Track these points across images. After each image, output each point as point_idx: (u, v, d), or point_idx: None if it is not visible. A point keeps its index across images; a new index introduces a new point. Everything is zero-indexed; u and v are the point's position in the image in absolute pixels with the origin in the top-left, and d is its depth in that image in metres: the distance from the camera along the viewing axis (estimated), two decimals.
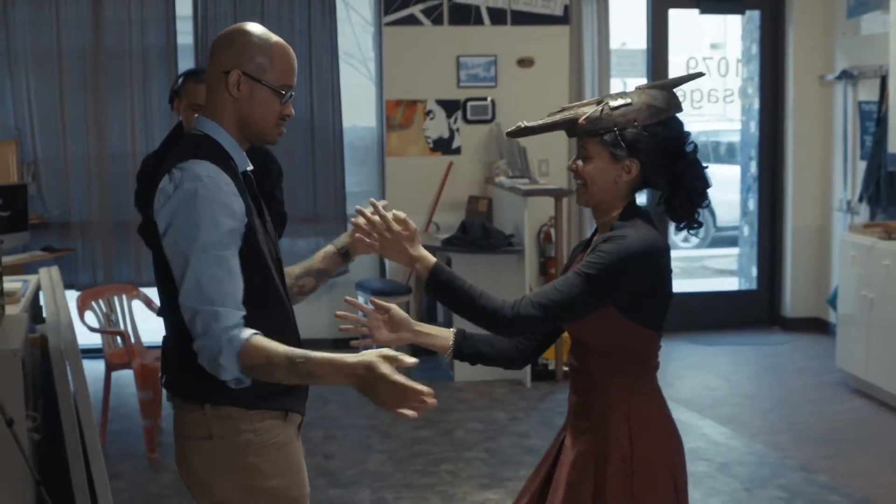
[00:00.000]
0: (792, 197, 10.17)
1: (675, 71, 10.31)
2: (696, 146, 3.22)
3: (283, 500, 3.14)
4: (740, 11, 10.49)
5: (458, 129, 9.58)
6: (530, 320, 3.13)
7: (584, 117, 3.19)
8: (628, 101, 3.17)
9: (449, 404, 7.99)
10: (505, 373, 8.55)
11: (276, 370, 2.88)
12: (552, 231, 9.18)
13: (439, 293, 3.26)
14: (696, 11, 10.20)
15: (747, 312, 10.52)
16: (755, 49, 10.46)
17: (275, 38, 3.09)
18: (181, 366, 3.07)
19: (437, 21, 9.50)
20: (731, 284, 12.13)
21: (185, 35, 9.27)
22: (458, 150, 9.60)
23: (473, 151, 9.61)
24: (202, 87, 4.83)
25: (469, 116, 9.59)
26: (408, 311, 8.69)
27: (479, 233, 8.48)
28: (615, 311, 3.13)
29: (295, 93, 3.17)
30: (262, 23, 9.35)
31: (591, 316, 3.14)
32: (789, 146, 10.14)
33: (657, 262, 3.14)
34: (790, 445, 6.98)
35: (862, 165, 9.15)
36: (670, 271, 3.21)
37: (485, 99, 9.61)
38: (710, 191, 3.25)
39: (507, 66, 9.63)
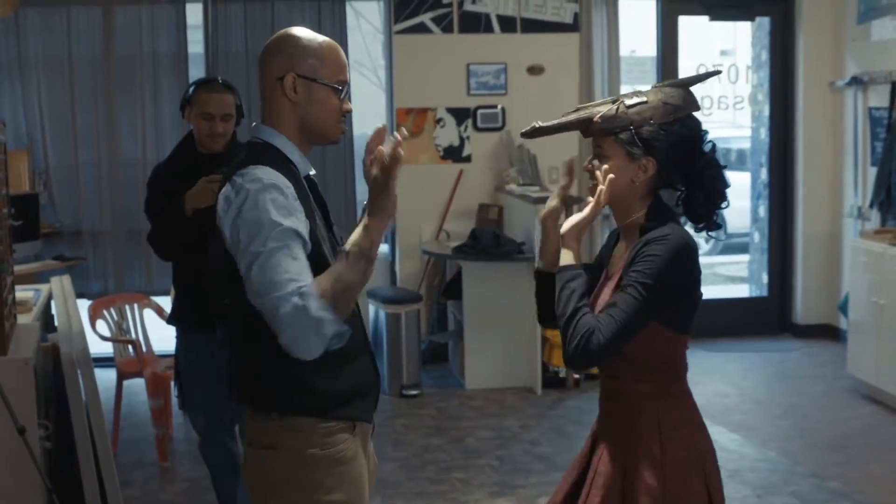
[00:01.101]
0: (802, 203, 10.16)
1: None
2: (714, 145, 3.18)
3: None
4: (750, 18, 10.48)
5: (468, 137, 9.59)
6: (608, 353, 3.04)
7: (599, 115, 3.14)
8: (644, 99, 3.13)
9: (460, 412, 7.99)
10: (516, 380, 8.56)
11: (344, 275, 2.87)
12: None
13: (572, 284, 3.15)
14: (705, 18, 10.19)
15: (758, 319, 10.50)
16: (765, 56, 10.45)
17: (321, 37, 3.14)
18: (249, 373, 3.11)
19: (448, 29, 9.50)
20: (741, 291, 12.12)
21: (195, 44, 9.29)
22: (468, 158, 9.60)
23: (484, 159, 9.61)
24: (214, 96, 4.87)
25: (479, 124, 9.59)
26: (418, 320, 8.76)
27: (489, 241, 8.49)
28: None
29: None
30: (272, 30, 9.39)
31: None
32: (799, 153, 10.13)
33: (690, 260, 3.11)
34: (801, 452, 6.97)
35: (872, 171, 9.13)
36: (699, 269, 3.17)
37: (495, 107, 9.61)
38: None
39: (517, 74, 9.63)
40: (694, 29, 10.85)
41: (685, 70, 10.40)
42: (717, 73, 3.66)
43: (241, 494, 5.22)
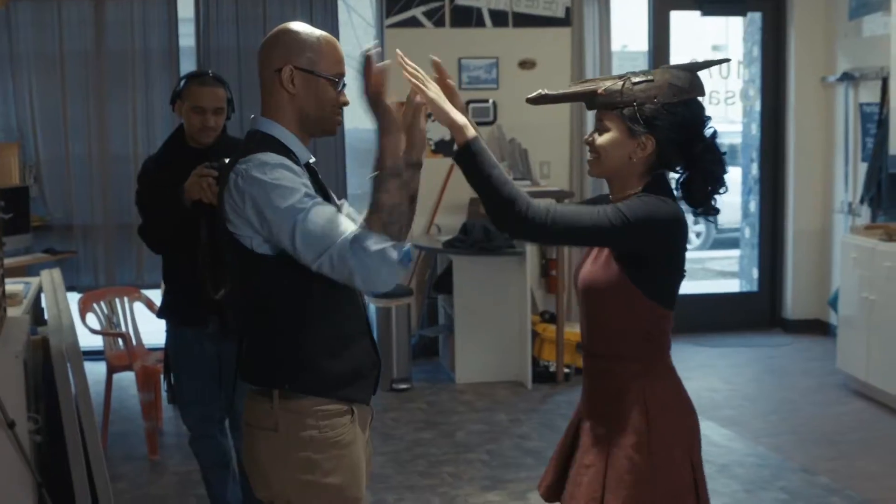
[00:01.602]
0: (793, 199, 10.17)
1: None
2: (715, 131, 3.22)
3: (340, 499, 3.19)
4: (742, 13, 10.49)
5: None
6: (542, 230, 3.08)
7: (603, 88, 3.20)
8: (650, 77, 3.18)
9: (450, 406, 8.00)
10: (506, 374, 8.56)
11: (383, 199, 2.99)
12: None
13: (471, 159, 3.26)
14: (697, 13, 10.21)
15: (748, 314, 10.52)
16: (756, 51, 10.46)
17: (319, 31, 3.22)
18: (253, 351, 3.20)
19: (439, 23, 9.50)
20: (732, 286, 12.12)
21: (187, 38, 9.27)
22: None
23: None
24: (205, 90, 4.86)
25: (471, 118, 9.55)
26: (408, 314, 8.76)
27: (480, 235, 8.48)
28: (633, 288, 3.15)
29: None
30: (264, 25, 9.38)
31: (604, 284, 3.18)
32: (790, 148, 10.14)
33: (680, 231, 3.16)
34: (791, 447, 6.98)
35: (863, 167, 9.15)
36: (685, 245, 3.23)
37: (486, 101, 9.61)
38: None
39: (508, 69, 9.63)
40: (686, 24, 10.85)
41: None
42: (727, 60, 3.75)
43: (232, 488, 5.22)
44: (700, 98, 3.22)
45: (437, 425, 7.50)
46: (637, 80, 3.18)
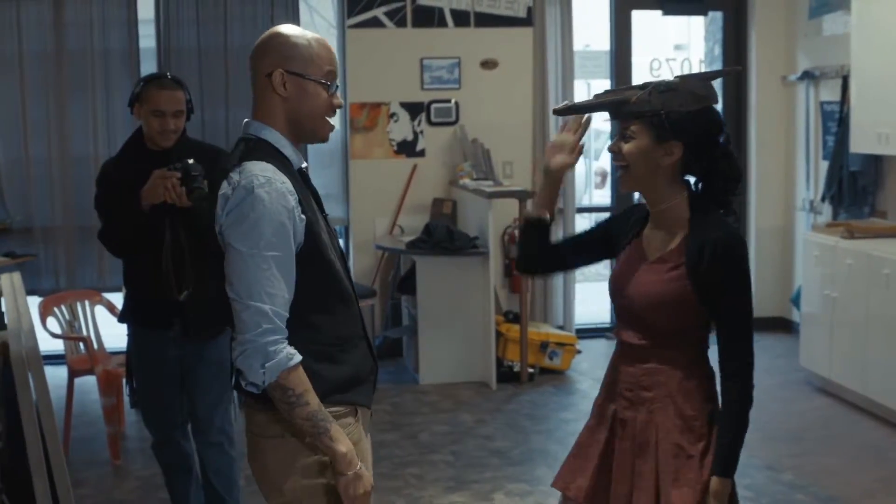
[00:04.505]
0: (755, 197, 10.21)
1: (638, 72, 10.35)
2: (728, 137, 3.37)
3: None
4: (703, 13, 10.53)
5: (422, 132, 9.57)
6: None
7: (636, 97, 3.29)
8: (674, 87, 3.29)
9: (414, 407, 7.98)
10: (470, 375, 8.56)
11: (301, 407, 3.02)
12: (517, 233, 9.18)
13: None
14: (659, 13, 10.23)
15: None
16: (718, 50, 10.49)
17: (310, 33, 3.21)
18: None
19: (401, 23, 9.48)
20: None
21: (147, 38, 9.21)
22: (422, 153, 9.58)
23: (438, 154, 9.60)
24: (164, 93, 4.82)
25: (433, 119, 9.57)
26: (372, 316, 8.74)
27: (443, 235, 8.47)
28: (694, 301, 3.34)
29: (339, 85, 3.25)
30: (224, 26, 9.34)
31: (669, 305, 3.34)
32: (752, 146, 10.18)
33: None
34: (756, 445, 7.00)
35: (824, 165, 9.20)
36: None
37: (449, 101, 9.59)
38: None
39: (470, 69, 9.62)
40: (647, 23, 10.88)
41: (639, 64, 10.43)
42: (738, 69, 3.99)
43: (194, 492, 5.19)
44: (715, 105, 3.37)
45: (401, 426, 7.48)
46: (662, 89, 3.28)
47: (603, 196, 14.19)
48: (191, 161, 4.63)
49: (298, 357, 3.01)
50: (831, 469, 6.61)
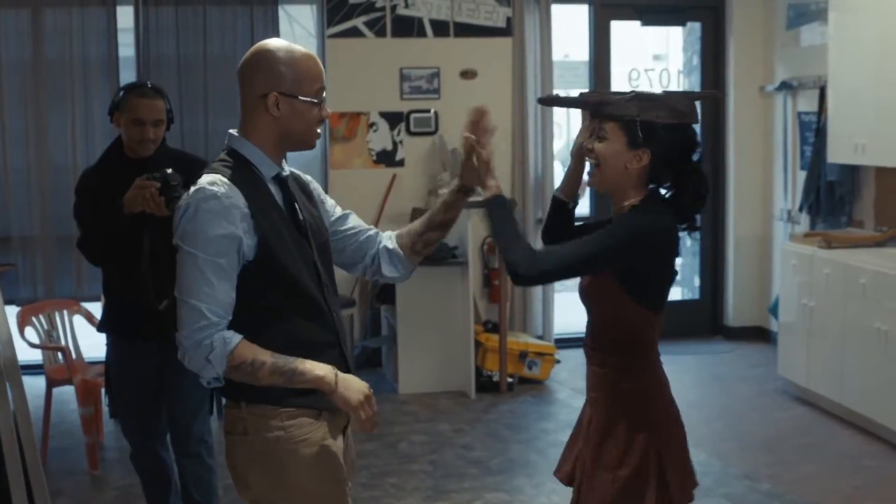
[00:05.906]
0: (733, 207, 10.25)
1: (617, 82, 10.37)
2: (701, 157, 3.48)
3: (316, 499, 3.28)
4: (681, 23, 10.58)
5: (401, 142, 9.58)
6: (546, 276, 3.44)
7: (616, 98, 3.42)
8: (655, 98, 3.42)
9: (393, 416, 7.98)
10: (449, 385, 8.56)
11: (261, 369, 3.11)
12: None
13: (498, 211, 3.59)
14: (637, 23, 10.27)
15: (690, 322, 10.56)
16: (696, 60, 10.54)
17: (298, 49, 3.26)
18: None
19: (381, 33, 9.49)
20: (673, 294, 12.13)
21: (126, 47, 9.19)
22: (401, 163, 9.59)
23: (417, 164, 9.61)
24: (144, 102, 4.81)
25: (412, 128, 9.58)
26: (351, 325, 8.73)
27: None
28: (620, 290, 3.40)
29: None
30: (204, 35, 9.33)
31: (598, 291, 3.46)
32: (730, 156, 10.22)
33: (673, 241, 3.46)
34: (734, 454, 7.03)
35: (802, 175, 9.23)
36: (676, 253, 3.50)
37: (428, 111, 9.61)
38: None
39: (450, 78, 9.63)
40: (626, 34, 10.90)
41: (618, 74, 10.45)
42: (717, 95, 4.09)
43: (173, 502, 5.18)
44: (694, 125, 3.47)
45: (380, 436, 7.47)
46: (643, 98, 3.41)
47: (582, 206, 14.19)
48: (170, 171, 4.63)
49: (236, 337, 3.11)
50: (809, 477, 6.64)
